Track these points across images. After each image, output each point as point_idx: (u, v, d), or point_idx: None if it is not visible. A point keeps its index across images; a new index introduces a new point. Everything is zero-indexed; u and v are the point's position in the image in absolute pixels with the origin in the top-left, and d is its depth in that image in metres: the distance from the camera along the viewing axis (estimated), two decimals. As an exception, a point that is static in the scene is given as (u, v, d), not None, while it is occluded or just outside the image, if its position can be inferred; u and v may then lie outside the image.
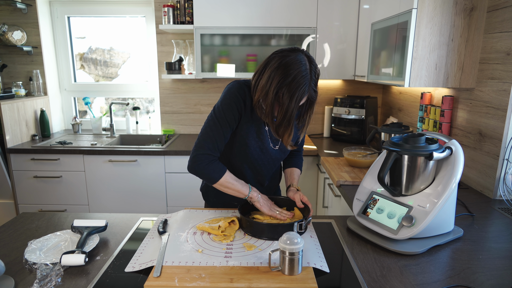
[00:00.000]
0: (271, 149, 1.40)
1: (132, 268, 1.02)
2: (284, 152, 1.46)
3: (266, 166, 1.44)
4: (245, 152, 1.37)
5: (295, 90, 1.15)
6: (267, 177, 1.50)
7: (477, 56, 1.75)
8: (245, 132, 1.34)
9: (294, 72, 1.15)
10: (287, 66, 1.16)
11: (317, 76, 1.21)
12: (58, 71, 3.31)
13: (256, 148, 1.37)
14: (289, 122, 1.21)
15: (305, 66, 1.17)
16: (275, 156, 1.43)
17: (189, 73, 3.06)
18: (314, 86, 1.20)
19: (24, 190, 2.74)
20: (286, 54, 1.19)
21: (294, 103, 1.16)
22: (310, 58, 1.20)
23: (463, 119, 1.86)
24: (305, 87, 1.16)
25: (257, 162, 1.41)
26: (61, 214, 1.44)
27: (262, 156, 1.40)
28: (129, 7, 3.18)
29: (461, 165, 1.14)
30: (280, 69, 1.16)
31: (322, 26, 2.70)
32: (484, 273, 1.04)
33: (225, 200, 1.50)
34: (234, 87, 1.29)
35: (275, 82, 1.16)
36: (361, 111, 2.83)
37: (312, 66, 1.19)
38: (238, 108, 1.29)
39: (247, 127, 1.33)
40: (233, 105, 1.28)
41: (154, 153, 2.65)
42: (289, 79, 1.14)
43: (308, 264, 1.02)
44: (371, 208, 1.26)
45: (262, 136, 1.37)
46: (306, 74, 1.16)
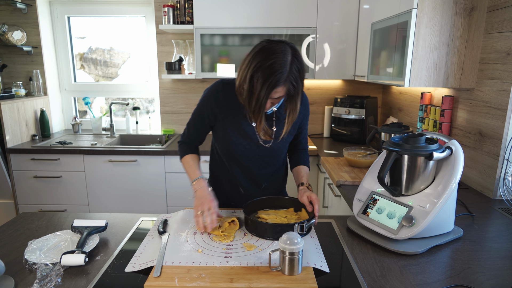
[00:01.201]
0: (256, 145, 1.38)
1: (132, 268, 1.02)
2: (275, 150, 1.42)
3: (255, 164, 1.43)
4: (228, 149, 1.40)
5: (268, 75, 1.13)
6: (263, 178, 1.47)
7: (477, 56, 1.75)
8: (224, 128, 1.37)
9: (271, 59, 1.13)
10: (267, 51, 1.15)
11: (299, 71, 1.19)
12: (58, 71, 3.31)
13: (239, 145, 1.37)
14: (260, 109, 1.18)
15: (286, 56, 1.15)
16: (263, 154, 1.41)
17: (189, 73, 3.06)
18: (293, 79, 1.17)
19: (24, 190, 2.74)
20: (272, 42, 1.19)
21: (265, 89, 1.14)
22: (295, 52, 1.19)
23: (463, 119, 1.86)
24: (280, 75, 1.13)
25: (243, 160, 1.41)
26: (61, 214, 1.44)
27: (247, 153, 1.39)
28: (129, 7, 3.18)
29: (461, 165, 1.14)
30: (259, 54, 1.16)
31: (322, 26, 2.70)
32: (484, 273, 1.04)
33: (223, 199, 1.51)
34: (210, 86, 1.39)
35: (252, 65, 1.15)
36: (361, 111, 2.83)
37: (294, 59, 1.17)
38: (206, 105, 1.37)
39: (225, 122, 1.36)
40: (203, 102, 1.39)
41: (154, 153, 2.65)
42: (266, 64, 1.13)
43: (308, 264, 1.02)
44: (371, 208, 1.26)
45: (245, 132, 1.36)
46: (284, 64, 1.14)
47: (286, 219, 1.29)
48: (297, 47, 1.23)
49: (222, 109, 1.35)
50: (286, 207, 1.39)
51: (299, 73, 1.19)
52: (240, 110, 1.33)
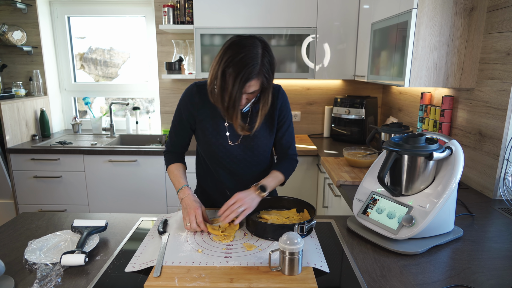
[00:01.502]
0: (233, 146, 1.38)
1: (132, 268, 1.02)
2: (255, 149, 1.39)
3: (237, 165, 1.42)
4: (208, 151, 1.40)
5: (240, 69, 1.12)
6: (250, 179, 1.44)
7: (477, 56, 1.75)
8: (202, 130, 1.37)
9: (243, 53, 1.13)
10: (237, 46, 1.15)
11: (270, 64, 1.18)
12: (58, 71, 3.31)
13: (219, 146, 1.37)
14: (235, 104, 1.17)
15: (256, 49, 1.15)
16: (244, 152, 1.39)
17: (189, 73, 3.06)
18: (265, 72, 1.17)
19: (24, 190, 2.74)
20: (241, 36, 1.19)
21: (238, 83, 1.13)
22: (265, 44, 1.19)
23: (463, 119, 1.86)
24: (252, 68, 1.13)
25: (225, 161, 1.40)
26: (61, 214, 1.44)
27: (228, 153, 1.39)
28: (129, 7, 3.18)
29: (461, 165, 1.14)
30: (229, 49, 1.15)
31: (322, 26, 2.70)
32: (484, 273, 1.04)
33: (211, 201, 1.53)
34: (185, 90, 1.39)
35: (223, 61, 1.15)
36: (361, 111, 2.83)
37: (265, 52, 1.17)
38: (183, 109, 1.37)
39: (203, 124, 1.36)
40: (180, 106, 1.39)
41: (154, 153, 2.65)
42: (237, 58, 1.12)
43: (308, 264, 1.02)
44: (371, 208, 1.26)
45: (222, 132, 1.36)
46: (255, 57, 1.13)
47: (288, 219, 1.29)
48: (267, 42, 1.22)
49: (199, 111, 1.36)
50: (288, 208, 1.39)
51: (270, 65, 1.19)
52: (216, 111, 1.33)
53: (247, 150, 1.39)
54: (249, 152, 1.40)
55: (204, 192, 1.55)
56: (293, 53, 2.76)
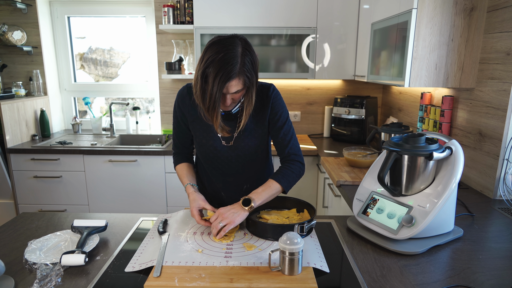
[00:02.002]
0: (224, 147, 1.37)
1: (132, 268, 1.02)
2: (246, 149, 1.37)
3: (229, 166, 1.42)
4: (201, 152, 1.42)
5: (219, 69, 1.11)
6: (244, 181, 1.45)
7: (477, 56, 1.75)
8: (194, 132, 1.39)
9: (221, 52, 1.12)
10: (217, 45, 1.14)
11: (252, 62, 1.17)
12: (58, 71, 3.31)
13: (210, 147, 1.38)
14: (215, 104, 1.14)
15: (236, 48, 1.13)
16: (235, 153, 1.38)
17: (189, 73, 3.06)
18: (247, 71, 1.15)
19: (24, 190, 2.74)
20: (221, 36, 1.18)
21: (218, 83, 1.11)
22: (246, 43, 1.18)
23: (463, 119, 1.86)
24: (232, 67, 1.11)
25: (217, 162, 1.41)
26: (61, 214, 1.44)
27: (219, 155, 1.39)
28: (129, 7, 3.18)
29: (461, 165, 1.14)
30: (209, 49, 1.14)
31: (322, 26, 2.70)
32: (484, 273, 1.04)
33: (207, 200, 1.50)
34: (177, 92, 1.40)
35: (203, 62, 1.14)
36: (361, 111, 2.83)
37: (246, 51, 1.16)
38: (177, 110, 1.39)
39: (194, 126, 1.38)
40: (174, 109, 1.41)
41: (154, 153, 2.65)
42: (217, 58, 1.11)
43: (308, 264, 1.02)
44: (371, 208, 1.26)
45: (213, 134, 1.36)
46: (234, 56, 1.12)
47: (288, 219, 1.29)
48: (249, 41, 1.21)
49: (190, 112, 1.36)
50: (288, 208, 1.39)
51: (252, 64, 1.18)
52: None
53: (238, 151, 1.38)
54: (240, 153, 1.38)
55: (202, 190, 1.55)
56: (293, 53, 2.76)
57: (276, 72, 2.75)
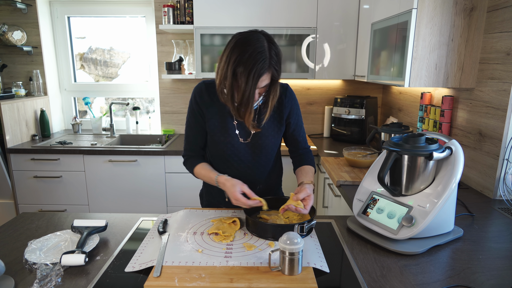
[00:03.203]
0: (242, 144, 1.37)
1: (132, 268, 1.02)
2: (263, 148, 1.39)
3: (245, 164, 1.41)
4: (216, 150, 1.40)
5: (251, 66, 1.13)
6: (258, 180, 1.45)
7: (477, 56, 1.75)
8: (211, 129, 1.37)
9: (250, 49, 1.13)
10: (242, 43, 1.15)
11: (277, 55, 1.19)
12: (58, 71, 3.31)
13: (227, 144, 1.36)
14: (248, 101, 1.17)
15: (261, 43, 1.15)
16: (252, 151, 1.39)
17: (189, 73, 3.06)
18: (275, 64, 1.18)
19: (24, 190, 2.74)
20: (243, 34, 1.19)
21: (251, 80, 1.13)
22: (269, 37, 1.20)
23: (463, 119, 1.86)
24: (263, 63, 1.14)
25: (233, 160, 1.39)
26: (61, 214, 1.44)
27: (236, 152, 1.38)
28: (129, 7, 3.18)
29: (461, 165, 1.14)
30: (236, 48, 1.16)
31: (322, 26, 2.70)
32: (484, 273, 1.04)
33: (214, 201, 1.52)
34: (194, 88, 1.39)
35: (231, 61, 1.15)
36: (361, 111, 2.83)
37: (271, 45, 1.18)
38: (195, 107, 1.37)
39: (212, 123, 1.36)
40: (191, 106, 1.38)
41: (154, 153, 2.65)
42: (245, 56, 1.13)
43: (308, 264, 1.02)
44: (371, 208, 1.26)
45: (230, 131, 1.36)
46: (263, 51, 1.14)
47: (288, 219, 1.29)
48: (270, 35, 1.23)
49: (208, 109, 1.36)
50: None
51: (277, 57, 1.20)
52: (224, 109, 1.34)
53: (255, 149, 1.39)
54: (257, 150, 1.40)
55: (209, 193, 1.54)
56: (293, 53, 2.76)
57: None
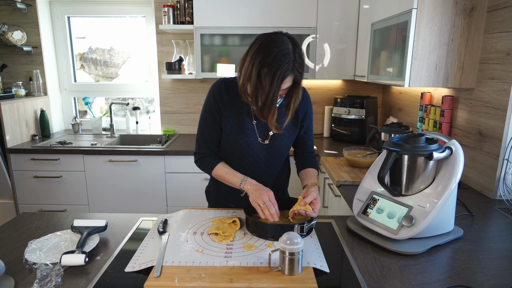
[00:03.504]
0: (259, 145, 1.37)
1: (132, 268, 1.02)
2: (278, 149, 1.40)
3: (259, 164, 1.41)
4: (231, 149, 1.38)
5: (276, 68, 1.13)
6: (268, 180, 1.46)
7: (477, 56, 1.75)
8: (228, 128, 1.36)
9: (275, 51, 1.13)
10: (268, 45, 1.15)
11: (301, 58, 1.20)
12: (58, 71, 3.31)
13: (243, 144, 1.36)
14: (272, 102, 1.17)
15: (286, 45, 1.15)
16: (267, 152, 1.39)
17: (189, 73, 3.06)
18: (298, 67, 1.18)
19: (24, 190, 2.74)
20: (268, 35, 1.19)
21: (276, 81, 1.13)
22: (293, 39, 1.20)
23: (463, 119, 1.86)
24: (287, 65, 1.14)
25: (247, 159, 1.39)
26: (61, 214, 1.44)
27: (251, 152, 1.38)
28: (129, 7, 3.18)
29: (461, 165, 1.14)
30: (261, 49, 1.15)
31: (322, 26, 2.70)
32: (484, 273, 1.04)
33: (223, 200, 1.52)
34: (212, 86, 1.37)
35: (256, 62, 1.15)
36: (361, 111, 2.83)
37: (295, 47, 1.18)
38: (213, 105, 1.35)
39: (229, 122, 1.35)
40: (209, 103, 1.36)
41: (154, 153, 2.65)
42: (270, 57, 1.13)
43: (308, 264, 1.02)
44: (371, 208, 1.26)
45: (248, 131, 1.35)
46: (288, 53, 1.14)
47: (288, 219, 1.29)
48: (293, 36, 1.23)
49: (226, 108, 1.34)
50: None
51: (301, 59, 1.20)
52: (242, 109, 1.34)
53: (270, 150, 1.40)
54: (271, 152, 1.40)
55: (217, 190, 1.52)
56: (293, 53, 2.76)
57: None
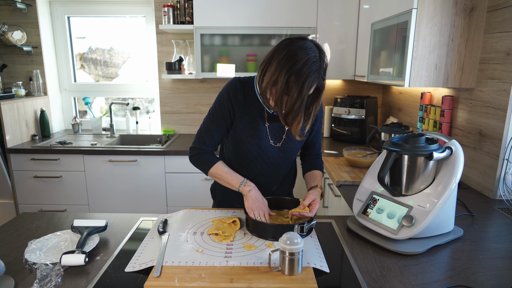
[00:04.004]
0: (270, 147, 1.37)
1: (132, 268, 1.02)
2: (288, 152, 1.40)
3: (269, 166, 1.40)
4: (242, 149, 1.37)
5: (306, 77, 1.10)
6: (274, 181, 1.46)
7: (477, 56, 1.75)
8: (240, 128, 1.34)
9: (304, 59, 1.10)
10: (296, 52, 1.12)
11: (325, 64, 1.18)
12: (58, 71, 3.31)
13: (254, 145, 1.35)
14: (299, 110, 1.15)
15: (314, 52, 1.13)
16: (277, 155, 1.39)
17: (189, 73, 3.06)
18: (323, 74, 1.17)
19: (24, 190, 2.74)
20: (294, 41, 1.16)
21: (305, 90, 1.11)
22: (318, 46, 1.17)
23: (463, 119, 1.86)
24: (316, 73, 1.12)
25: (257, 161, 1.38)
26: (61, 214, 1.44)
27: (262, 154, 1.37)
28: (129, 7, 3.18)
29: (461, 165, 1.14)
30: (289, 56, 1.12)
31: (322, 26, 2.70)
32: (484, 273, 1.04)
33: (229, 199, 1.51)
34: (227, 84, 1.35)
35: (284, 69, 1.11)
36: (361, 111, 2.83)
37: (321, 54, 1.15)
38: (227, 103, 1.33)
39: (241, 122, 1.34)
40: (223, 101, 1.34)
41: (154, 153, 2.65)
42: (299, 65, 1.10)
43: (308, 264, 1.02)
44: (371, 208, 1.26)
45: (260, 133, 1.34)
46: (316, 61, 1.12)
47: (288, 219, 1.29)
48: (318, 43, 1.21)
49: (240, 108, 1.32)
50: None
51: (326, 66, 1.19)
52: (256, 111, 1.32)
53: (280, 152, 1.39)
54: (281, 154, 1.40)
55: (223, 189, 1.51)
56: (293, 53, 2.76)
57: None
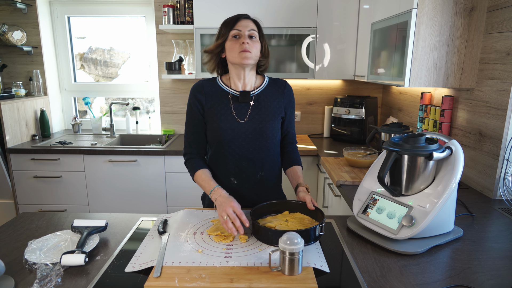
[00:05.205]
0: (241, 126, 1.41)
1: (132, 268, 1.02)
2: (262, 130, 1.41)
3: (246, 149, 1.41)
4: (218, 135, 1.42)
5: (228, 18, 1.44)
6: (257, 165, 1.45)
7: (477, 56, 1.75)
8: (211, 117, 1.43)
9: None
10: None
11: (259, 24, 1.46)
12: (58, 71, 3.31)
13: (227, 129, 1.40)
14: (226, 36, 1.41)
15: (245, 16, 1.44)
16: (252, 135, 1.41)
17: (189, 73, 3.06)
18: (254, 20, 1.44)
19: (24, 190, 2.74)
20: None
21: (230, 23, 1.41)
22: None
23: (463, 119, 1.86)
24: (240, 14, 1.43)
25: (234, 144, 1.41)
26: (61, 214, 1.44)
27: (236, 136, 1.40)
28: (129, 7, 3.18)
29: (461, 165, 1.14)
30: None
31: (322, 26, 2.70)
32: (484, 273, 1.04)
33: None
34: (191, 87, 1.48)
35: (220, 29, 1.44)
36: (361, 111, 2.83)
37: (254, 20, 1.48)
38: (192, 102, 1.44)
39: (211, 111, 1.42)
40: (190, 103, 1.46)
41: (154, 153, 2.65)
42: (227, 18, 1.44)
43: (308, 264, 1.02)
44: (371, 208, 1.26)
45: (228, 114, 1.41)
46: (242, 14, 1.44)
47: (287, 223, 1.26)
48: None
49: (207, 98, 1.43)
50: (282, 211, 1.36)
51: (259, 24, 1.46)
52: (223, 96, 1.43)
53: (256, 133, 1.42)
54: (257, 135, 1.42)
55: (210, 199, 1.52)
56: (293, 53, 2.76)
57: (276, 72, 2.75)
